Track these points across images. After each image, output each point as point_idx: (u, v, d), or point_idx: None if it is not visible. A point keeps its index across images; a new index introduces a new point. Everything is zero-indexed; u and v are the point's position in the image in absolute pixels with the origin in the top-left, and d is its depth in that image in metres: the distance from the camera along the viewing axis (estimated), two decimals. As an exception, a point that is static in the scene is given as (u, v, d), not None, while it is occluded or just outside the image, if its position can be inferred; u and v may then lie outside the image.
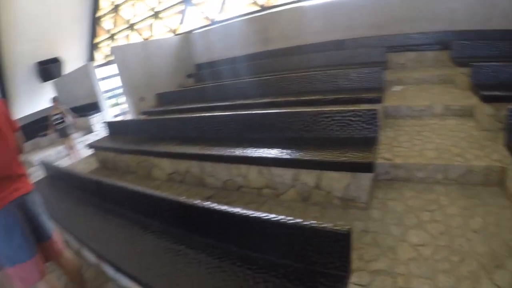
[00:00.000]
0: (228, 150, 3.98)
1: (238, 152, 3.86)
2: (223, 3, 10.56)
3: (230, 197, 4.04)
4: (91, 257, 3.54)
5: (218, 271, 2.28)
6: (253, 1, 9.91)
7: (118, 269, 2.75)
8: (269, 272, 2.11)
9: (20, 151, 2.59)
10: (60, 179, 5.31)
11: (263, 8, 9.65)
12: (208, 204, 2.58)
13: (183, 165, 4.70)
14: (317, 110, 3.71)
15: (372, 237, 2.67)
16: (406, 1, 6.94)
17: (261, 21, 9.29)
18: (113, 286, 3.16)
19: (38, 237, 2.52)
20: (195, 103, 7.62)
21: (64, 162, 8.67)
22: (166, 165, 5.01)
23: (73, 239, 3.68)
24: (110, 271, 3.16)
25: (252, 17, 9.64)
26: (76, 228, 3.63)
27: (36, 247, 2.47)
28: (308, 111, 3.80)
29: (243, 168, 3.91)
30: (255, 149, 3.80)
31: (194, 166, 4.54)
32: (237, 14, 10.27)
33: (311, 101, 5.03)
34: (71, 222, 3.77)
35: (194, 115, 5.23)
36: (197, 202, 2.66)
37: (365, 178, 3.03)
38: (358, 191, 3.10)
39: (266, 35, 9.24)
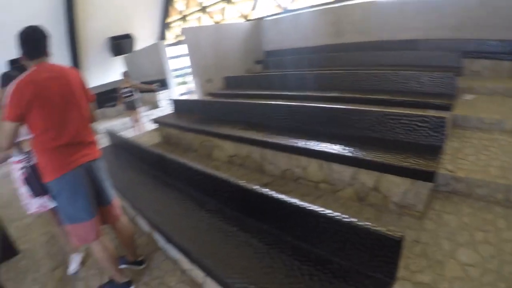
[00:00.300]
0: (291, 140, 4.03)
1: (301, 143, 3.88)
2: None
3: (286, 187, 4.10)
4: (144, 225, 3.81)
5: (267, 257, 2.36)
6: (326, -8, 9.64)
7: (170, 240, 2.96)
8: (316, 266, 2.17)
9: (92, 120, 2.81)
10: (123, 149, 5.69)
11: (337, -1, 9.47)
12: (266, 191, 2.63)
13: (244, 149, 4.81)
14: (385, 111, 3.64)
15: (422, 248, 2.64)
16: (487, 5, 6.51)
17: (333, 13, 9.07)
18: (162, 256, 3.38)
19: (100, 201, 2.75)
20: (262, 89, 7.70)
21: (128, 133, 9.07)
22: (228, 148, 5.15)
23: (129, 206, 3.90)
24: (161, 241, 3.41)
25: (325, 8, 9.43)
26: (134, 196, 3.89)
27: (96, 209, 2.68)
28: (376, 110, 3.73)
29: (304, 160, 3.93)
30: (317, 143, 3.80)
31: (255, 152, 4.63)
32: (310, 4, 10.13)
33: (378, 101, 4.95)
34: (130, 190, 4.05)
35: (260, 102, 5.30)
36: (256, 187, 2.73)
37: (425, 187, 2.96)
38: (415, 199, 3.05)
39: (337, 28, 9.03)
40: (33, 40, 2.45)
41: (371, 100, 5.05)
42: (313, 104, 4.47)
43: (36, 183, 2.77)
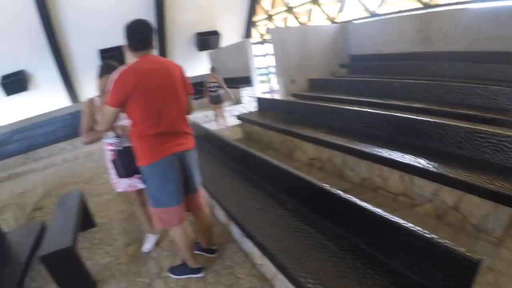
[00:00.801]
0: (375, 149, 4.04)
1: (385, 153, 3.88)
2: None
3: (364, 195, 4.09)
4: (221, 216, 3.99)
5: (341, 261, 2.38)
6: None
7: (246, 233, 3.03)
8: (388, 278, 2.16)
9: (189, 111, 2.90)
10: (206, 140, 5.85)
11: (426, 5, 9.10)
12: (350, 197, 2.61)
13: (326, 153, 4.91)
14: (474, 128, 3.50)
15: (494, 276, 2.55)
16: None
17: (422, 19, 8.80)
18: (235, 247, 3.50)
19: (187, 189, 2.87)
20: (346, 94, 7.71)
21: (211, 126, 9.27)
22: (310, 150, 5.28)
23: (209, 196, 4.04)
24: (236, 233, 3.56)
25: (413, 14, 9.19)
26: (214, 187, 4.03)
27: (183, 197, 2.80)
28: (464, 126, 3.59)
29: (386, 170, 3.94)
30: (401, 154, 3.77)
31: (336, 157, 4.70)
32: (398, 9, 9.90)
33: (467, 116, 4.83)
34: (210, 181, 4.13)
35: (345, 107, 5.32)
36: (340, 192, 2.72)
37: (506, 213, 2.85)
38: (495, 224, 2.94)
39: (425, 35, 8.74)
40: (139, 33, 2.57)
41: (459, 115, 4.92)
42: (398, 114, 4.42)
43: (120, 166, 2.93)
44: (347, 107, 5.28)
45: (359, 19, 11.18)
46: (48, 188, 7.46)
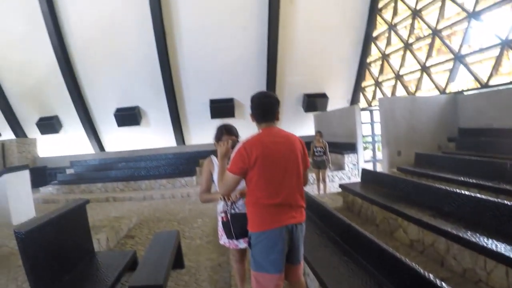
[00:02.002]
0: (482, 239, 3.87)
1: (491, 244, 3.72)
2: (497, 66, 9.83)
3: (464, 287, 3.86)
4: (314, 286, 3.86)
5: None
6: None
7: None
8: None
9: (305, 184, 2.93)
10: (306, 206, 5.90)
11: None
12: None
13: (430, 237, 4.71)
14: None
15: None
16: None
17: None
18: None
19: (290, 259, 2.82)
20: (454, 173, 7.45)
21: (310, 190, 9.34)
22: (412, 231, 5.13)
23: (304, 263, 3.87)
24: None
25: None
26: (311, 255, 3.95)
27: (284, 266, 2.74)
28: None
29: (490, 263, 3.72)
30: (510, 247, 3.58)
31: (440, 243, 4.49)
32: (511, 81, 9.49)
33: None
34: (307, 248, 3.78)
35: (453, 190, 5.15)
36: (443, 284, 2.56)
37: None
38: None
39: None
40: (264, 105, 2.75)
41: None
42: (509, 203, 4.18)
43: (230, 228, 3.07)
44: (455, 190, 5.11)
45: (469, 90, 10.94)
46: (142, 219, 8.18)
